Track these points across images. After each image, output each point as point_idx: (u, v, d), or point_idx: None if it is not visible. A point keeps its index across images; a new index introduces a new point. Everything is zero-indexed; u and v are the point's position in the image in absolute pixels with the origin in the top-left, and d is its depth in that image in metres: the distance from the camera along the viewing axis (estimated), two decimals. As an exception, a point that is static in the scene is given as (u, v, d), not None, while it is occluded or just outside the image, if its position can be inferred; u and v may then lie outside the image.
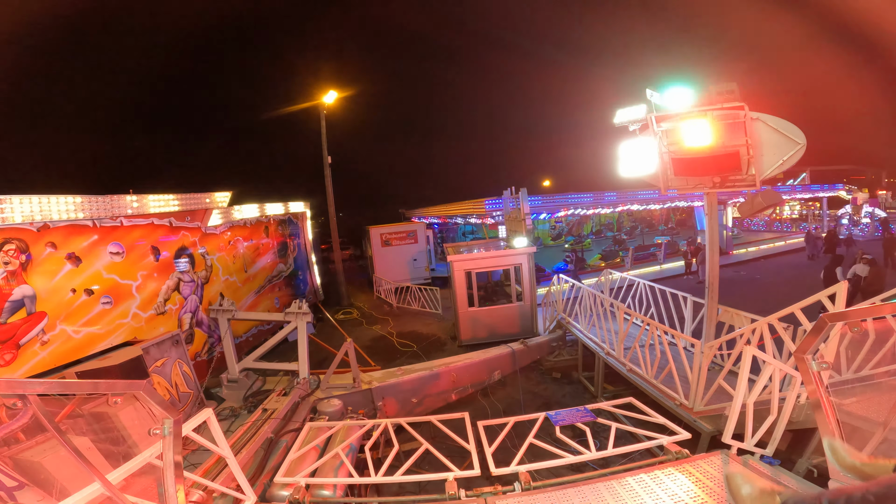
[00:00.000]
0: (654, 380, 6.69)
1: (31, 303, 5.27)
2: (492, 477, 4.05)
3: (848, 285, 4.78)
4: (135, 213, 6.92)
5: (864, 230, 25.69)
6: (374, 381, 8.01)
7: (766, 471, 3.44)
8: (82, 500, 2.21)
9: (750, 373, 3.90)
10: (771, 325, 4.92)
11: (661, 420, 4.67)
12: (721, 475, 3.51)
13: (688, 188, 6.72)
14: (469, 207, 20.45)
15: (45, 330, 5.40)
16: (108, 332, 6.29)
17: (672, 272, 19.06)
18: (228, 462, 3.67)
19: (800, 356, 2.73)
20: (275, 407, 6.65)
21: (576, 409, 5.12)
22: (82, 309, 5.96)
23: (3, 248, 5.03)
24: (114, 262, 6.56)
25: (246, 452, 5.26)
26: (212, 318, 8.46)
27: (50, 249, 5.61)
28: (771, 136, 6.13)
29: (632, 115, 6.67)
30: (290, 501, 4.03)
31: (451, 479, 3.99)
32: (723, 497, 3.19)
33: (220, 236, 9.81)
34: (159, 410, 2.50)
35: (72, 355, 5.72)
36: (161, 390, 5.86)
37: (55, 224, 5.70)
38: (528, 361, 10.22)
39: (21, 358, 5.15)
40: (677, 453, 4.05)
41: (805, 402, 4.79)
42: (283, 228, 14.09)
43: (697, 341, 5.77)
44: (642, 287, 9.72)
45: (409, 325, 14.47)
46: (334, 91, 16.90)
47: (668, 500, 3.27)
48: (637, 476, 3.65)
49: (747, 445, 3.80)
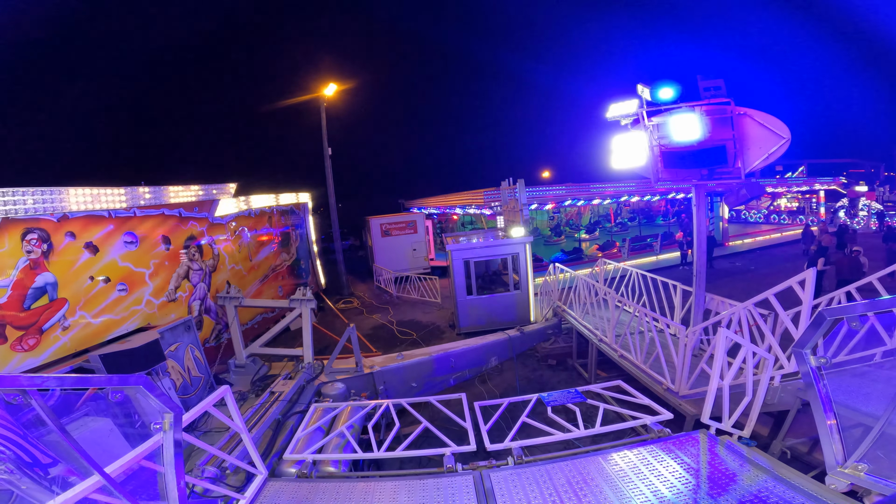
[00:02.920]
0: (643, 365, 6.94)
1: (52, 290, 5.57)
2: (487, 452, 4.34)
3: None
4: (147, 203, 7.20)
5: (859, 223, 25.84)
6: (376, 366, 8.33)
7: (744, 451, 3.66)
8: (83, 491, 2.20)
9: (732, 357, 4.14)
10: (749, 310, 5.19)
11: (646, 402, 4.96)
12: (699, 453, 3.76)
13: (677, 180, 6.97)
14: (468, 198, 20.58)
15: (65, 316, 5.71)
16: (123, 318, 6.60)
17: (669, 262, 19.24)
18: (243, 437, 3.90)
19: (798, 350, 2.70)
20: (281, 390, 6.97)
21: (567, 391, 5.39)
22: (100, 296, 6.27)
23: (26, 238, 5.33)
24: (128, 251, 6.85)
25: (255, 433, 5.56)
26: (219, 306, 8.77)
27: (69, 239, 5.90)
28: (756, 131, 6.36)
29: (623, 109, 6.91)
30: (299, 476, 4.28)
31: (448, 453, 4.26)
32: (699, 473, 3.47)
33: (226, 226, 10.11)
34: (160, 404, 2.47)
35: (91, 340, 6.02)
36: (175, 374, 6.17)
37: (74, 215, 5.98)
38: (524, 348, 10.53)
39: (44, 343, 5.46)
40: (659, 432, 4.34)
41: (779, 385, 5.11)
42: (286, 219, 14.37)
43: (682, 327, 6.01)
44: (635, 276, 9.99)
45: (409, 313, 14.71)
46: (334, 84, 17.05)
47: (650, 475, 3.52)
48: (621, 452, 3.92)
49: (725, 426, 4.00)
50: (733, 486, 3.25)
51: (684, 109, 6.49)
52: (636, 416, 4.61)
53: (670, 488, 3.32)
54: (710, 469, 3.54)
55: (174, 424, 2.42)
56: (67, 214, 5.85)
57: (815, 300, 5.10)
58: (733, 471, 3.47)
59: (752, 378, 4.13)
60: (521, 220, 12.17)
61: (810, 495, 2.95)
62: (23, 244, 5.30)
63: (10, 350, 5.07)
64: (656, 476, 3.49)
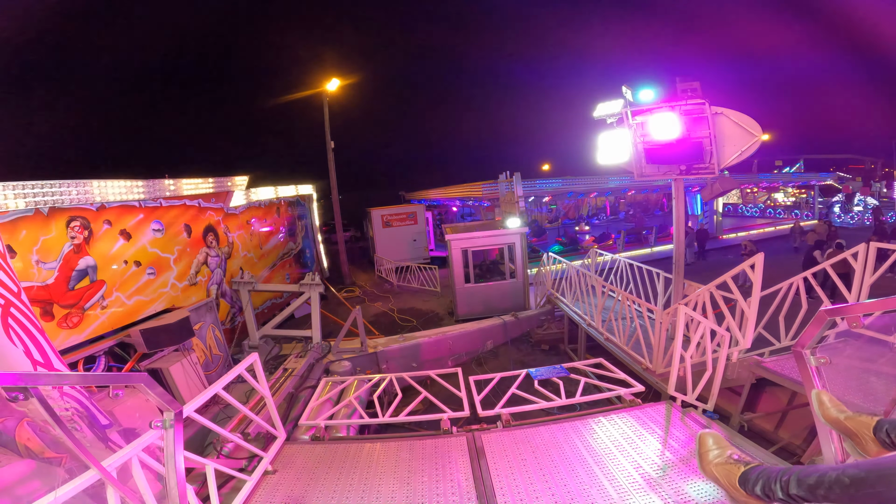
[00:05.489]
0: (625, 346, 7.39)
1: (93, 272, 6.17)
2: (479, 417, 4.85)
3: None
4: (172, 195, 7.82)
5: (854, 218, 26.13)
6: (380, 346, 8.93)
7: (704, 422, 4.02)
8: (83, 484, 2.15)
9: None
10: (710, 292, 5.76)
11: (621, 376, 5.43)
12: (663, 421, 4.16)
13: (658, 175, 7.46)
14: (467, 190, 20.90)
15: (104, 296, 6.31)
16: (152, 299, 7.20)
17: (663, 255, 19.37)
18: (266, 401, 4.35)
19: (798, 350, 2.64)
20: (294, 367, 7.58)
21: (553, 367, 5.95)
22: (132, 278, 6.86)
23: (70, 225, 5.92)
24: (156, 237, 7.44)
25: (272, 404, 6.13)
26: (234, 290, 9.39)
27: (107, 226, 6.48)
28: (731, 129, 6.84)
29: (609, 109, 7.37)
30: (313, 438, 4.81)
31: (444, 418, 4.76)
32: (662, 437, 3.88)
33: (239, 216, 10.70)
34: (160, 402, 2.36)
35: (125, 319, 6.62)
36: (199, 351, 6.80)
37: (110, 204, 6.57)
38: (518, 333, 11.05)
39: (86, 321, 6.05)
40: (631, 402, 4.82)
41: (736, 361, 5.65)
42: (293, 209, 14.91)
43: (658, 309, 6.48)
44: (624, 265, 10.53)
45: (409, 302, 15.05)
46: (337, 79, 17.41)
47: (619, 436, 3.98)
48: (596, 419, 4.39)
49: (689, 399, 4.32)
50: (690, 450, 3.60)
51: (664, 109, 6.98)
52: (612, 388, 5.00)
53: (635, 448, 3.73)
54: (671, 434, 3.94)
55: (175, 422, 2.42)
56: (105, 204, 6.42)
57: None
58: (691, 436, 3.78)
59: (712, 355, 4.47)
60: (518, 212, 12.69)
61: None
62: (67, 231, 5.87)
63: (57, 327, 5.62)
64: (624, 438, 3.90)
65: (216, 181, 9.23)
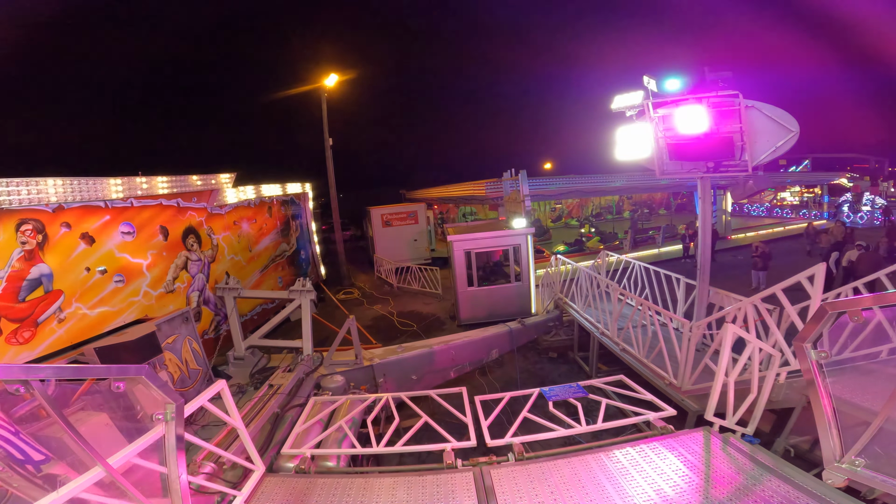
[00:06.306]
0: (645, 359, 6.87)
1: (48, 281, 5.49)
2: (487, 448, 4.28)
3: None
4: (144, 194, 7.10)
5: (863, 218, 25.72)
6: (376, 358, 8.27)
7: (747, 450, 3.62)
8: (87, 481, 2.18)
9: (736, 353, 4.03)
10: (755, 305, 5.11)
11: (648, 397, 4.90)
12: (702, 451, 3.72)
13: (682, 173, 6.87)
14: (469, 189, 20.49)
15: (61, 308, 5.64)
16: (120, 309, 6.52)
17: (670, 255, 19.10)
18: (240, 433, 3.83)
19: (799, 344, 2.69)
20: (280, 383, 6.91)
21: (568, 386, 5.33)
22: (96, 287, 6.18)
23: (21, 229, 5.23)
24: (125, 241, 6.76)
25: (253, 427, 5.50)
26: (218, 297, 8.70)
27: (65, 229, 5.80)
28: (764, 124, 6.24)
29: (629, 101, 6.79)
30: (297, 471, 4.23)
31: (448, 449, 4.21)
32: (703, 472, 3.41)
33: (224, 216, 10.00)
34: (161, 395, 2.47)
35: (87, 332, 5.95)
36: (172, 367, 6.12)
37: (70, 205, 5.88)
38: (525, 340, 10.48)
39: (39, 336, 5.39)
40: (662, 429, 4.30)
41: (784, 382, 5.02)
42: (286, 209, 14.26)
43: (687, 321, 5.96)
44: (638, 269, 9.91)
45: (410, 304, 14.66)
46: (335, 74, 16.86)
47: (652, 472, 3.47)
48: (624, 450, 3.87)
49: (729, 423, 3.94)
50: (737, 485, 3.21)
51: (691, 101, 6.37)
52: (639, 411, 4.56)
53: (674, 486, 3.27)
54: (713, 467, 3.49)
55: (176, 415, 2.43)
56: (63, 205, 5.76)
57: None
58: (737, 469, 3.42)
59: (758, 375, 4.06)
60: (523, 212, 12.04)
61: (815, 495, 2.91)
62: (17, 235, 5.21)
63: (6, 343, 5.00)
64: (659, 474, 3.45)
65: (198, 178, 8.53)
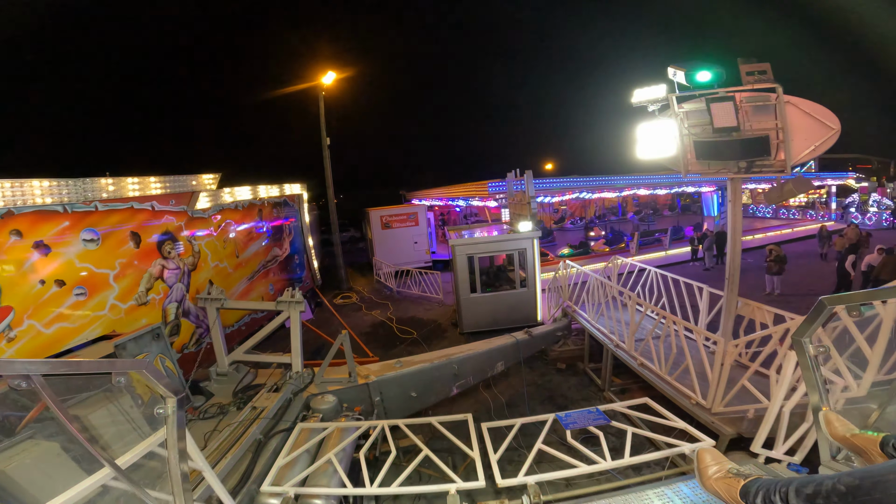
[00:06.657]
0: (667, 376, 6.34)
1: (-7, 296, 4.83)
2: (498, 489, 3.70)
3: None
4: (111, 196, 6.41)
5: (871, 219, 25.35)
6: (372, 375, 7.61)
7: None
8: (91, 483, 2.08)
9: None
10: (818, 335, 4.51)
11: (681, 425, 4.29)
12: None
13: (710, 173, 6.24)
14: (472, 190, 19.96)
15: (11, 326, 4.97)
16: (81, 326, 5.87)
17: (677, 258, 18.70)
18: (206, 476, 3.27)
19: (797, 339, 2.65)
20: (265, 405, 6.27)
21: (587, 411, 4.71)
22: (52, 301, 5.53)
23: (-40, 237, 4.58)
24: (88, 249, 6.09)
25: (231, 456, 4.90)
26: (199, 308, 8.04)
27: (15, 238, 5.16)
28: (802, 121, 5.66)
29: (651, 94, 6.19)
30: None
31: (452, 491, 3.62)
32: None
33: (208, 220, 9.33)
34: (162, 390, 2.44)
35: (42, 352, 5.31)
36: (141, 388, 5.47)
37: (20, 210, 5.23)
38: (532, 352, 9.85)
39: (-15, 356, 4.72)
40: None
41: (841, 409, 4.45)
42: (279, 211, 13.62)
43: (720, 339, 5.39)
44: (653, 275, 9.26)
45: (410, 310, 14.19)
46: (333, 72, 16.36)
47: None
48: (657, 489, 3.27)
49: (776, 454, 3.64)
50: None
51: (721, 95, 5.77)
52: (672, 442, 3.95)
53: None
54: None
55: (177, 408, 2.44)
56: (12, 210, 5.10)
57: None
58: None
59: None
60: (529, 214, 11.41)
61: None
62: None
63: (-57, 366, 4.33)
64: None
65: (173, 180, 7.81)
